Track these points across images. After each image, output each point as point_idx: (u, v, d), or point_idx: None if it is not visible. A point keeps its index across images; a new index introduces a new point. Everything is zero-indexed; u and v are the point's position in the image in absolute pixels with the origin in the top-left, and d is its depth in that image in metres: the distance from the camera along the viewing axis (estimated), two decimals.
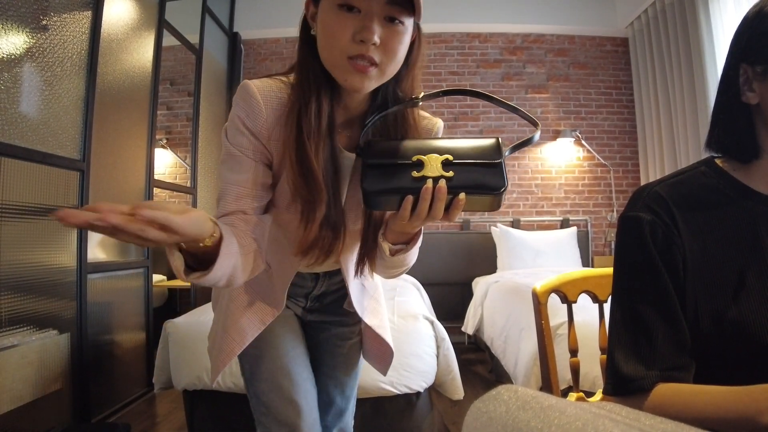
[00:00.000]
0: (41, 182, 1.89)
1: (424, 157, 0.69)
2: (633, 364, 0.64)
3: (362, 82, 0.71)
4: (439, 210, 0.67)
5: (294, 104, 0.76)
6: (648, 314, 0.65)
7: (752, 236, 0.65)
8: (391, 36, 0.69)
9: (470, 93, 0.85)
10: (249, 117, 0.77)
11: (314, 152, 0.74)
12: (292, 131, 0.75)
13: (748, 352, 0.61)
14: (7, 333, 1.69)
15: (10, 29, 1.75)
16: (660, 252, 0.66)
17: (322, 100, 0.76)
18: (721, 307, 0.63)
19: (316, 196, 0.76)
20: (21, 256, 1.79)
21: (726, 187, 0.68)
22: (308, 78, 0.76)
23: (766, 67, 0.63)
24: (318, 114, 0.75)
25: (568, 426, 0.35)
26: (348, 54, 0.69)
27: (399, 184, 0.68)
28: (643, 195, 0.70)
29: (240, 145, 0.79)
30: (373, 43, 0.67)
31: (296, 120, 0.75)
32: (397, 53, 0.71)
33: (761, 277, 0.62)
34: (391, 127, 0.81)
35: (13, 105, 1.76)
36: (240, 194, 0.80)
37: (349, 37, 0.68)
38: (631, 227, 0.69)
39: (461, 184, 0.67)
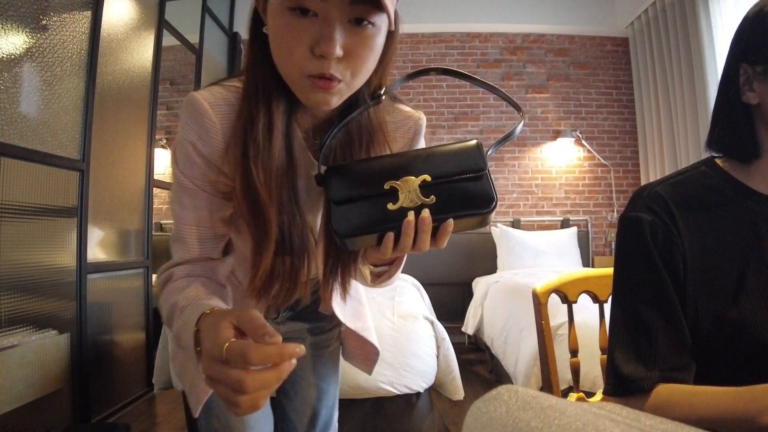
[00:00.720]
0: (41, 182, 1.89)
1: (398, 182, 0.59)
2: (633, 364, 0.64)
3: (326, 99, 0.59)
4: (424, 242, 0.58)
5: (239, 119, 0.63)
6: (648, 314, 0.65)
7: (753, 236, 0.65)
8: (358, 43, 0.56)
9: (437, 71, 0.72)
10: (202, 140, 0.63)
11: (263, 179, 0.62)
12: (236, 152, 0.62)
13: (748, 352, 0.61)
14: (7, 333, 1.68)
15: (10, 29, 1.74)
16: (660, 252, 0.66)
17: (273, 113, 0.62)
18: (721, 307, 0.63)
19: (264, 233, 0.63)
20: (21, 256, 1.79)
21: (726, 187, 0.68)
22: (257, 86, 0.63)
23: (766, 67, 0.63)
24: (268, 130, 0.62)
25: (568, 426, 0.35)
26: (307, 73, 0.56)
27: (375, 222, 0.58)
28: (644, 195, 0.70)
29: (194, 177, 0.66)
30: (335, 57, 0.55)
31: (241, 139, 0.62)
32: (366, 62, 0.59)
33: (761, 277, 0.62)
34: (356, 136, 0.68)
35: (12, 105, 1.75)
36: (202, 236, 0.68)
37: (305, 50, 0.55)
38: (632, 227, 0.68)
39: (446, 209, 0.58)
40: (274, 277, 0.66)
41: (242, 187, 0.62)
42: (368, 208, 0.58)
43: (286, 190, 0.65)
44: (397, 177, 0.59)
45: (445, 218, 0.57)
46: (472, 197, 0.59)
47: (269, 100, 0.62)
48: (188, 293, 0.63)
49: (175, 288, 0.66)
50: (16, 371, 1.69)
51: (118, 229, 2.47)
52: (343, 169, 0.63)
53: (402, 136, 0.75)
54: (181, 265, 0.68)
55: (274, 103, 0.63)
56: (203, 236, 0.68)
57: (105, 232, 2.36)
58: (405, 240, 0.57)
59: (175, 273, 0.67)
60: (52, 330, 1.90)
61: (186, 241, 0.67)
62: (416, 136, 0.76)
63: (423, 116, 0.77)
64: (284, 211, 0.64)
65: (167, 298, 0.65)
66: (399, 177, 0.59)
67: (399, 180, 0.59)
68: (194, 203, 0.67)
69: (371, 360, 0.96)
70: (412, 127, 0.76)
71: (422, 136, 0.77)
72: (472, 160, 0.61)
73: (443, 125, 4.13)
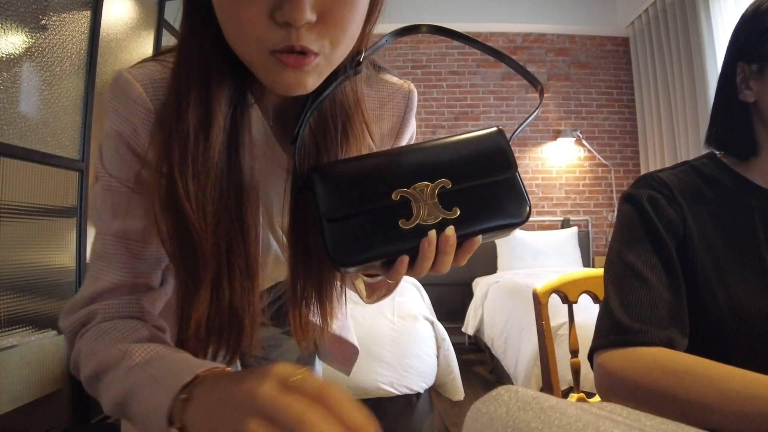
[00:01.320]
0: (40, 182, 1.89)
1: (409, 190, 0.46)
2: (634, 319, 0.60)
3: (299, 79, 0.43)
4: (446, 264, 0.46)
5: (163, 111, 0.47)
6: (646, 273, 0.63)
7: (750, 228, 0.66)
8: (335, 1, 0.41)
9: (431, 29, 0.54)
10: (135, 132, 0.49)
11: (193, 194, 0.45)
12: (156, 158, 0.46)
13: (744, 341, 0.61)
14: (7, 333, 1.68)
15: (9, 29, 1.74)
16: (660, 219, 0.66)
17: (212, 102, 0.46)
18: (720, 295, 0.63)
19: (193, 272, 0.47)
20: (20, 256, 1.79)
21: (726, 180, 0.70)
22: (190, 65, 0.46)
23: (762, 65, 0.64)
24: (203, 126, 0.45)
25: (568, 427, 0.35)
26: (268, 47, 0.41)
27: (384, 247, 0.45)
28: (647, 177, 0.71)
29: (125, 179, 0.50)
30: (306, 23, 0.40)
31: (164, 140, 0.46)
32: (349, 25, 0.43)
33: (757, 268, 0.63)
34: (329, 118, 0.52)
35: (12, 105, 1.75)
36: (136, 254, 0.51)
37: (263, 15, 0.40)
38: (631, 200, 0.69)
39: (472, 221, 0.46)
40: (211, 331, 0.49)
41: (162, 206, 0.46)
42: (374, 227, 0.45)
43: (229, 209, 0.48)
44: (408, 182, 0.46)
45: (471, 233, 0.46)
46: (501, 204, 0.48)
47: (208, 84, 0.46)
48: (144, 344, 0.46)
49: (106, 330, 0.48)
50: (15, 372, 1.69)
51: None
52: (331, 171, 0.48)
53: (390, 113, 0.61)
54: (105, 300, 0.51)
55: (215, 89, 0.46)
56: (137, 254, 0.51)
57: None
58: (423, 264, 0.45)
59: (99, 313, 0.50)
60: (52, 330, 1.90)
61: (113, 259, 0.51)
62: (407, 113, 0.62)
63: (413, 86, 0.63)
64: (223, 238, 0.48)
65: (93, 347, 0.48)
66: (410, 183, 0.46)
67: (410, 187, 0.46)
68: (125, 211, 0.51)
69: (349, 360, 0.84)
70: (401, 102, 0.61)
71: (413, 113, 0.63)
72: (499, 155, 0.49)
73: (443, 125, 4.13)
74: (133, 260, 0.52)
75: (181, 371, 0.39)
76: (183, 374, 0.39)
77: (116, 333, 0.48)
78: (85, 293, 0.51)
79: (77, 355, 0.50)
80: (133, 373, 0.43)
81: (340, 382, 0.92)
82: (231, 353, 0.52)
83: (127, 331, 0.49)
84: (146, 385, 0.41)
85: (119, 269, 0.51)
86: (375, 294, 0.64)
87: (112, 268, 0.51)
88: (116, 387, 0.43)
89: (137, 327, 0.49)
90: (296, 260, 0.53)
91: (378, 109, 0.60)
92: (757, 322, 0.60)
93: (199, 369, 0.39)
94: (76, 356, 0.50)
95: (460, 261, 0.48)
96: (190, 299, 0.47)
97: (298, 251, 0.53)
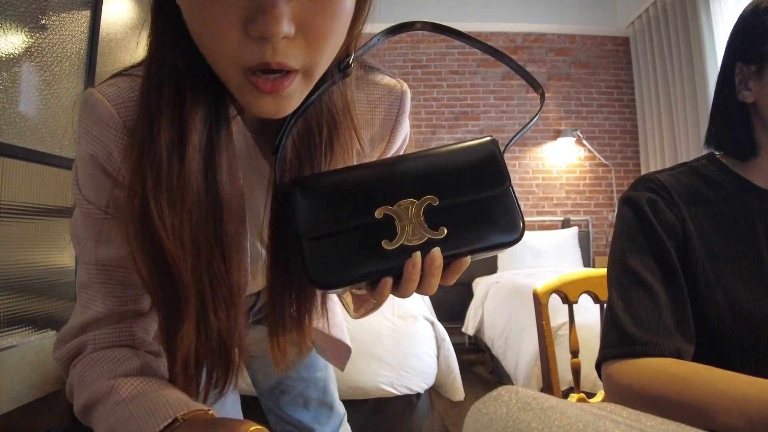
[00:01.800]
0: (40, 182, 1.89)
1: (393, 208, 0.43)
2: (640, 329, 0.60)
3: (277, 105, 0.41)
4: (432, 286, 0.44)
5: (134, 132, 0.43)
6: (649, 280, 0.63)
7: (750, 229, 0.65)
8: (315, 10, 0.37)
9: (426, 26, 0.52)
10: (108, 155, 0.46)
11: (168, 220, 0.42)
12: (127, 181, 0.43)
13: (744, 343, 0.61)
14: (6, 333, 1.68)
15: (9, 29, 1.74)
16: (661, 222, 0.66)
17: (186, 120, 0.42)
18: (719, 297, 0.63)
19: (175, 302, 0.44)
20: (19, 256, 1.79)
21: (726, 181, 0.69)
22: (161, 81, 0.42)
23: (761, 65, 0.64)
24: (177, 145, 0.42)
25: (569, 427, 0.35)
26: (241, 65, 0.38)
27: (366, 267, 0.42)
28: (645, 179, 0.71)
29: (101, 204, 0.48)
30: (283, 37, 0.36)
31: (135, 161, 0.42)
32: (332, 37, 0.40)
33: (757, 269, 0.63)
34: (314, 124, 0.49)
35: (11, 105, 1.75)
36: (121, 281, 0.50)
37: (235, 28, 0.36)
38: (631, 203, 0.69)
39: (460, 241, 0.43)
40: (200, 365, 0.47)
41: (136, 233, 0.43)
42: (355, 246, 0.42)
43: (208, 236, 0.45)
44: (392, 199, 0.43)
45: (458, 254, 0.43)
46: (493, 223, 0.44)
47: (181, 102, 0.42)
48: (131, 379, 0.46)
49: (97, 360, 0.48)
50: (15, 372, 1.69)
51: None
52: (312, 185, 0.45)
53: (381, 117, 0.57)
54: (94, 330, 0.49)
55: (188, 107, 0.42)
56: (122, 281, 0.50)
57: None
58: (408, 286, 0.43)
59: (89, 344, 0.49)
60: (52, 330, 1.90)
61: (98, 289, 0.49)
62: (399, 116, 0.58)
63: (405, 87, 0.58)
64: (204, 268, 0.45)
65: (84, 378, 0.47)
66: (394, 199, 0.43)
67: (394, 204, 0.43)
68: (106, 239, 0.48)
69: (342, 356, 0.83)
70: (393, 104, 0.57)
71: (406, 114, 0.59)
72: (491, 167, 0.46)
73: (443, 125, 4.13)
74: (119, 287, 0.50)
75: (160, 412, 0.40)
76: (163, 416, 0.40)
77: (106, 364, 0.47)
78: (74, 324, 0.51)
79: (70, 386, 0.49)
80: (119, 410, 0.43)
81: (340, 382, 0.93)
82: (221, 386, 0.50)
83: (117, 361, 0.48)
84: (129, 423, 0.41)
85: (106, 298, 0.50)
86: (363, 308, 0.61)
87: (98, 297, 0.50)
88: (104, 423, 0.44)
89: (127, 356, 0.48)
90: (275, 280, 0.50)
91: (368, 113, 0.56)
92: (758, 324, 0.60)
93: (178, 412, 0.40)
94: (70, 387, 0.50)
95: (448, 280, 0.45)
96: (174, 336, 0.45)
97: (278, 270, 0.50)
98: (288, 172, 0.48)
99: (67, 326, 0.51)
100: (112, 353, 0.48)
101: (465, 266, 0.44)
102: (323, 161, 0.49)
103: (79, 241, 0.51)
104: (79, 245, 0.51)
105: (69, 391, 0.50)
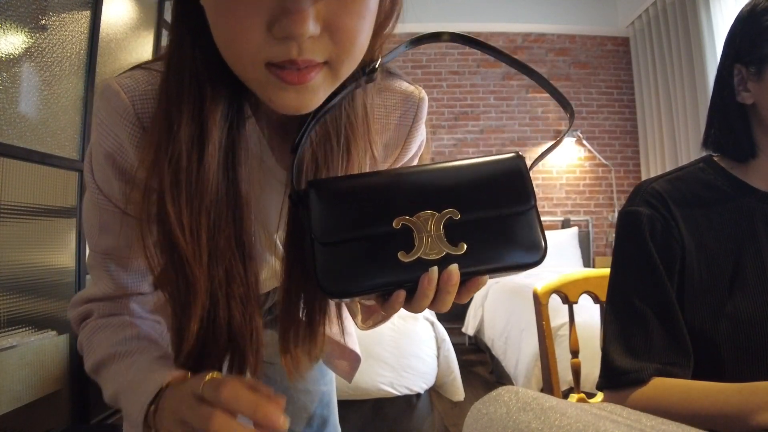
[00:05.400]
0: (40, 182, 1.88)
1: (413, 219, 0.41)
2: (628, 357, 0.63)
3: (300, 99, 0.40)
4: (447, 303, 0.42)
5: (152, 128, 0.44)
6: (643, 308, 0.65)
7: (749, 232, 0.65)
8: (341, 9, 0.37)
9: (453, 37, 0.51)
10: (121, 148, 0.46)
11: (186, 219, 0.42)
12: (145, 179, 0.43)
13: (743, 348, 0.61)
14: (6, 334, 1.68)
15: (9, 29, 1.74)
16: (658, 247, 0.66)
17: (206, 119, 0.42)
18: (717, 302, 0.63)
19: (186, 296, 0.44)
20: (19, 256, 1.79)
21: (724, 184, 0.69)
22: (181, 79, 0.42)
23: (759, 67, 0.63)
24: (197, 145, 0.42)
25: (569, 427, 0.34)
26: (265, 60, 0.38)
27: (380, 278, 0.41)
28: (642, 190, 0.71)
29: (110, 194, 0.49)
30: (309, 36, 0.36)
31: (152, 158, 0.43)
32: (358, 36, 0.39)
33: (757, 273, 0.63)
34: (333, 129, 0.48)
35: (11, 105, 1.75)
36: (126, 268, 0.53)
37: (260, 28, 0.36)
38: (630, 222, 0.69)
39: (480, 261, 0.42)
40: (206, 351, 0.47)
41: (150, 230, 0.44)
42: (370, 256, 0.41)
43: (227, 236, 0.45)
44: (411, 210, 0.42)
45: (477, 272, 0.42)
46: (514, 242, 0.43)
47: (201, 99, 0.42)
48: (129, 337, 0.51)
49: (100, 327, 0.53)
50: (14, 372, 1.68)
51: None
52: (329, 188, 0.44)
53: (397, 123, 0.57)
54: (100, 301, 0.54)
55: (208, 104, 0.42)
56: (125, 268, 0.53)
57: None
58: (421, 301, 0.41)
59: (95, 311, 0.54)
60: (51, 331, 1.90)
61: (102, 275, 0.52)
62: (416, 122, 0.58)
63: (424, 94, 0.58)
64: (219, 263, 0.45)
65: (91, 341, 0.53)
66: (414, 210, 0.42)
67: (414, 215, 0.42)
68: (111, 230, 0.50)
69: (351, 367, 0.82)
70: (410, 111, 0.56)
71: (423, 121, 0.59)
72: (516, 185, 0.44)
73: (443, 125, 4.13)
74: (121, 274, 0.53)
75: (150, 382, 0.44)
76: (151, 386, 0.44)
77: (110, 329, 0.52)
78: (83, 294, 0.55)
79: (80, 344, 0.55)
80: (120, 377, 0.48)
81: (340, 382, 0.92)
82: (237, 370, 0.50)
83: (119, 327, 0.52)
84: (127, 391, 0.46)
85: (108, 283, 0.53)
86: (371, 319, 0.60)
87: (102, 281, 0.53)
88: (109, 386, 0.49)
89: (127, 324, 0.53)
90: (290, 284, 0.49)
91: (384, 117, 0.56)
92: (757, 330, 0.60)
93: (163, 381, 0.44)
94: (80, 345, 0.55)
95: (462, 299, 0.44)
96: (183, 332, 0.45)
97: (294, 271, 0.49)
98: (304, 174, 0.47)
99: (79, 293, 0.56)
100: (115, 320, 0.53)
101: (482, 285, 0.43)
102: (340, 166, 0.49)
103: (87, 224, 0.53)
104: (87, 227, 0.53)
105: (79, 347, 0.55)
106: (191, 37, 0.42)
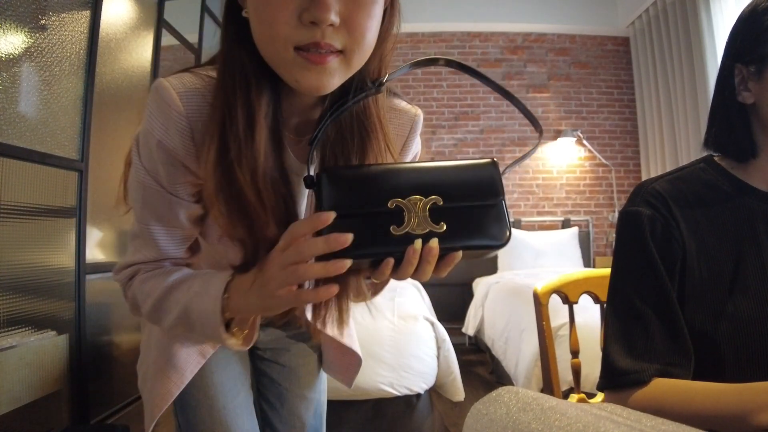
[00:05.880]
0: (40, 182, 1.88)
1: (404, 201, 0.51)
2: (628, 358, 0.63)
3: (320, 79, 0.50)
4: (427, 273, 0.51)
5: (214, 113, 0.54)
6: (644, 308, 0.65)
7: (750, 232, 0.65)
8: (356, 8, 0.49)
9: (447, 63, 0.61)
10: (168, 134, 0.56)
11: (249, 180, 0.53)
12: (211, 152, 0.53)
13: (744, 349, 0.61)
14: (5, 334, 1.68)
15: (9, 29, 1.74)
16: (658, 248, 0.66)
17: (254, 106, 0.54)
18: (717, 302, 0.63)
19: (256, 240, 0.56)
20: (19, 256, 1.78)
21: (724, 184, 0.69)
22: (233, 75, 0.54)
23: (760, 66, 0.63)
24: (249, 126, 0.53)
25: (569, 428, 0.34)
26: (294, 43, 0.48)
27: (374, 247, 0.50)
28: (642, 190, 0.71)
29: (156, 174, 0.59)
30: (330, 24, 0.47)
31: (218, 136, 0.53)
32: (367, 32, 0.50)
33: (758, 273, 0.63)
34: (347, 131, 0.59)
35: (11, 105, 1.75)
36: (168, 238, 0.63)
37: (292, 16, 0.47)
38: (630, 222, 0.69)
39: (455, 238, 0.51)
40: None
41: (222, 191, 0.54)
42: (368, 228, 0.50)
43: (278, 196, 0.56)
44: (403, 194, 0.51)
45: (453, 249, 0.51)
46: (485, 227, 0.52)
47: (248, 90, 0.54)
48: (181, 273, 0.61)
49: (149, 277, 0.63)
50: (14, 372, 1.68)
51: (117, 229, 2.47)
52: (338, 174, 0.54)
53: (394, 135, 0.66)
54: (146, 263, 0.64)
55: (254, 94, 0.54)
56: (169, 238, 0.63)
57: (104, 232, 2.36)
58: (406, 268, 0.50)
59: (142, 269, 0.64)
60: (51, 331, 1.90)
61: (148, 243, 0.63)
62: (411, 134, 0.69)
63: (420, 113, 0.69)
64: (278, 222, 0.55)
65: (144, 288, 0.62)
66: (405, 195, 0.51)
67: (405, 199, 0.51)
68: (157, 205, 0.60)
69: (352, 371, 0.88)
70: (405, 124, 0.67)
71: (417, 134, 0.70)
72: (489, 183, 0.54)
73: (443, 125, 4.13)
74: (163, 242, 0.63)
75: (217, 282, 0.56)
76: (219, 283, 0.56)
77: (161, 275, 0.62)
78: (128, 260, 0.65)
79: (134, 298, 0.64)
80: (183, 296, 0.59)
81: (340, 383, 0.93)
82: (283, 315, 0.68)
83: (168, 272, 0.62)
84: (195, 299, 0.57)
85: (151, 250, 0.63)
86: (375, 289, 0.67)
87: (145, 248, 0.63)
88: (174, 309, 0.59)
89: (176, 269, 0.63)
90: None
91: None
92: (758, 330, 0.60)
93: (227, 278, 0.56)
94: (133, 299, 0.64)
95: (440, 272, 0.53)
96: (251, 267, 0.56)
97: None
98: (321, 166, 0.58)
99: (123, 260, 0.66)
100: (161, 270, 0.63)
101: (456, 260, 0.52)
102: (354, 161, 0.59)
103: (132, 197, 0.62)
104: (133, 199, 0.62)
105: (132, 305, 0.65)
106: (238, 44, 0.54)
